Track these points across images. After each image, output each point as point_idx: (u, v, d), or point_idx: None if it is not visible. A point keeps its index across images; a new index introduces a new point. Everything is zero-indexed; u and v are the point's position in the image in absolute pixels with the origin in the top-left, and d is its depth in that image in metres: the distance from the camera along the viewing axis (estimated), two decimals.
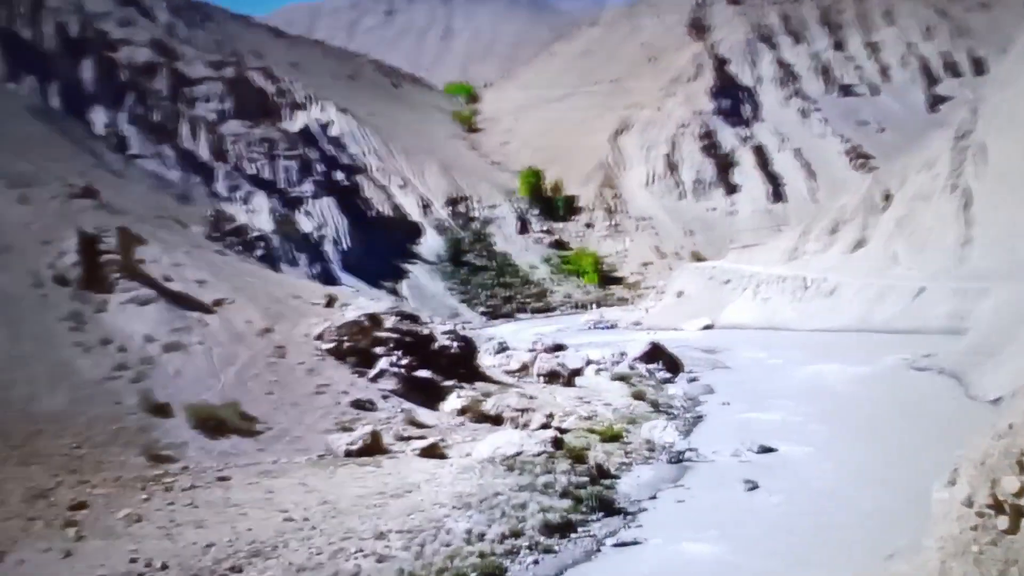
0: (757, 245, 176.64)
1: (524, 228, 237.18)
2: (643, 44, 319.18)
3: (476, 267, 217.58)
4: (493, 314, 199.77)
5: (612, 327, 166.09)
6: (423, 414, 64.83)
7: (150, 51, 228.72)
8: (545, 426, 63.79)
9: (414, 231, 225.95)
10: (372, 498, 46.03)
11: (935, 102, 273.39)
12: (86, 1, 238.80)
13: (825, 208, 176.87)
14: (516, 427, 64.06)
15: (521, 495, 47.81)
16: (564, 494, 49.03)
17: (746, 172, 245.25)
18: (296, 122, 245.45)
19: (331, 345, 67.62)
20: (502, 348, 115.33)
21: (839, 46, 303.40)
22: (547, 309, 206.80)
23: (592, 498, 49.47)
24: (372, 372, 66.67)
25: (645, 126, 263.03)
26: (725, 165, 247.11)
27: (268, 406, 58.14)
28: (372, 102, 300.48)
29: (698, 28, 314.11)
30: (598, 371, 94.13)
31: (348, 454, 53.58)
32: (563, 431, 63.72)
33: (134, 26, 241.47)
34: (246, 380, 60.38)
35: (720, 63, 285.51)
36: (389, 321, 73.25)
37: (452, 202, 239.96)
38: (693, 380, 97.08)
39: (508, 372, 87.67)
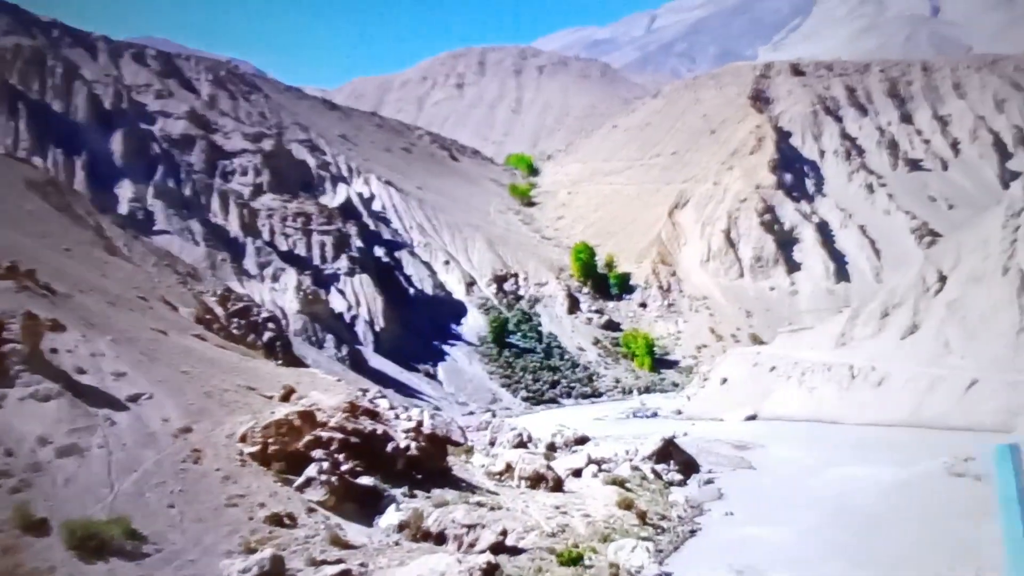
0: (807, 329, 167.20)
1: (574, 307, 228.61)
2: (704, 116, 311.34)
3: (521, 349, 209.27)
4: (536, 400, 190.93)
5: (653, 415, 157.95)
6: (353, 531, 56.30)
7: (187, 123, 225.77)
8: (496, 546, 55.38)
9: (456, 310, 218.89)
10: None
11: (1008, 177, 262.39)
12: (125, 72, 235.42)
13: (877, 290, 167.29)
14: (460, 547, 55.68)
15: None
16: None
17: (808, 250, 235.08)
18: (337, 196, 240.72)
19: (255, 448, 59.16)
20: (520, 441, 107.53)
21: (906, 119, 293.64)
22: (594, 394, 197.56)
23: None
24: (299, 480, 58.13)
25: (703, 201, 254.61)
26: (786, 242, 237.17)
27: (165, 522, 50.12)
28: (424, 175, 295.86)
29: (760, 100, 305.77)
30: (597, 473, 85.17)
31: None
32: (516, 551, 55.60)
33: (173, 98, 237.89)
34: (146, 490, 52.37)
35: (782, 136, 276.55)
36: (334, 418, 64.73)
37: (498, 279, 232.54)
38: (707, 483, 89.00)
39: (490, 474, 79.00)
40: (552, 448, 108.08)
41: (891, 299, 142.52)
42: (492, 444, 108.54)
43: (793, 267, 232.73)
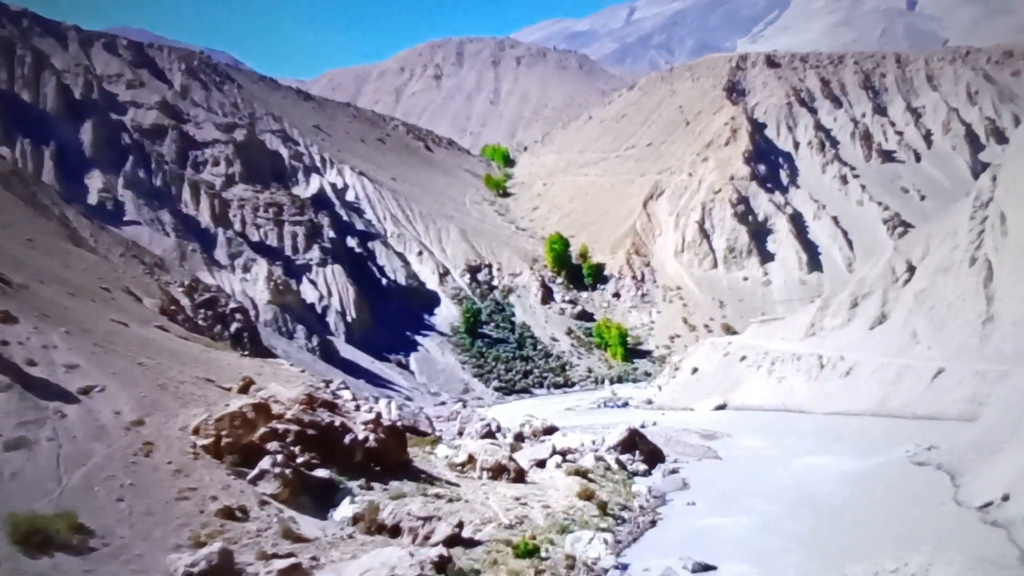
0: (778, 319, 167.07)
1: (547, 298, 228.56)
2: (679, 108, 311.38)
3: (493, 339, 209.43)
4: (508, 390, 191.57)
5: (624, 405, 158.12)
6: (307, 524, 55.64)
7: (158, 113, 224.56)
8: (452, 538, 54.75)
9: (429, 300, 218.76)
10: None
11: (980, 169, 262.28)
12: (96, 62, 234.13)
13: (849, 280, 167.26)
14: (415, 540, 54.96)
15: None
16: None
17: (781, 240, 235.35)
18: (310, 186, 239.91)
19: (208, 441, 58.45)
20: (488, 432, 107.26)
21: (880, 111, 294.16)
22: (566, 384, 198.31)
23: None
24: (252, 473, 57.54)
25: (677, 192, 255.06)
26: (759, 233, 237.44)
27: (114, 516, 49.24)
28: (398, 166, 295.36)
29: (735, 91, 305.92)
30: (561, 463, 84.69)
31: None
32: (472, 544, 55.03)
33: (145, 87, 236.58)
34: (95, 484, 51.47)
35: (756, 127, 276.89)
36: (291, 410, 64.19)
37: (472, 270, 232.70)
38: (672, 473, 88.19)
39: (453, 466, 78.52)
40: (520, 438, 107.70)
41: (860, 289, 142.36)
42: (461, 434, 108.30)
43: (766, 258, 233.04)
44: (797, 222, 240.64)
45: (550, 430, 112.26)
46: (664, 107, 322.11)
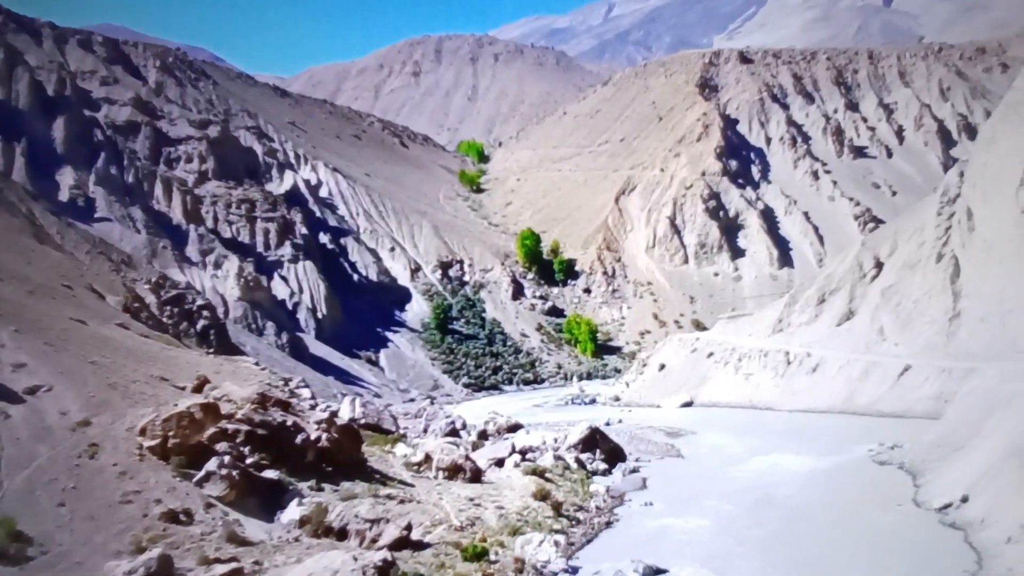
0: (746, 315, 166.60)
1: (518, 293, 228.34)
2: (653, 103, 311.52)
3: (464, 335, 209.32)
4: (478, 386, 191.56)
5: (592, 402, 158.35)
6: (252, 527, 55.35)
7: (132, 109, 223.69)
8: (400, 541, 54.63)
9: (400, 296, 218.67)
10: None
11: (952, 165, 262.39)
12: (70, 59, 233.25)
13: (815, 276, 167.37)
14: (362, 542, 54.82)
15: None
16: None
17: (752, 236, 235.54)
18: (284, 183, 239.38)
19: (154, 442, 58.08)
20: (452, 429, 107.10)
21: (852, 107, 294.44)
22: (536, 381, 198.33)
23: None
24: (199, 475, 57.02)
25: (649, 187, 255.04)
26: (730, 228, 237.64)
27: (54, 522, 48.97)
28: (373, 162, 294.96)
29: (708, 87, 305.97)
30: (519, 462, 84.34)
31: None
32: (421, 546, 54.90)
33: (119, 84, 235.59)
34: (36, 488, 51.21)
35: (729, 123, 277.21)
36: (242, 409, 63.73)
37: (443, 266, 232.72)
38: (632, 472, 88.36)
39: (409, 465, 78.15)
40: (484, 436, 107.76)
41: (828, 285, 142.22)
42: (426, 431, 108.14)
43: (737, 253, 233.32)
44: (768, 217, 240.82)
45: (514, 427, 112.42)
46: (637, 103, 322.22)
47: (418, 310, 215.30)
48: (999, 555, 54.11)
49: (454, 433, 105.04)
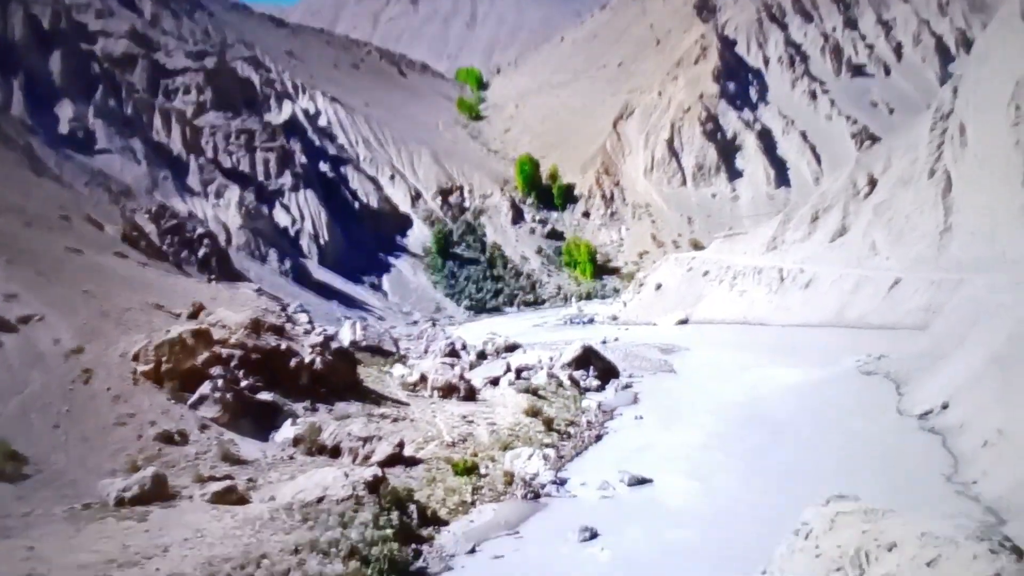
0: (742, 234, 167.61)
1: (518, 218, 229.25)
2: (651, 26, 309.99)
3: (465, 259, 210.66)
4: (479, 308, 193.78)
5: (590, 321, 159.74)
6: (247, 447, 56.95)
7: (128, 42, 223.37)
8: (393, 457, 56.24)
9: (402, 223, 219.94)
10: (97, 567, 38.37)
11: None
12: None
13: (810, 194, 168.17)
14: (355, 460, 56.41)
15: (288, 559, 39.90)
16: (351, 554, 41.43)
17: (749, 157, 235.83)
18: (283, 113, 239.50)
19: (148, 367, 59.42)
20: (452, 350, 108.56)
21: (851, 24, 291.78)
22: (537, 302, 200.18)
23: (382, 559, 41.43)
24: (193, 398, 58.39)
25: (647, 111, 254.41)
26: (728, 150, 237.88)
27: (49, 443, 50.50)
28: (372, 91, 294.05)
29: (706, 9, 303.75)
30: (513, 381, 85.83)
31: (119, 502, 46.01)
32: (413, 462, 56.53)
33: (114, 17, 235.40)
34: (30, 412, 52.71)
35: (727, 44, 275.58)
36: (236, 335, 65.04)
37: (444, 193, 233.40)
38: (625, 387, 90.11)
39: (405, 385, 79.65)
40: (482, 356, 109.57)
41: (822, 203, 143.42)
42: (426, 353, 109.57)
43: (735, 174, 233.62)
44: (765, 138, 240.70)
45: (512, 347, 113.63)
46: (635, 26, 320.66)
47: (419, 236, 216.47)
48: (975, 459, 55.45)
49: (454, 354, 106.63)
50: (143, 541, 41.39)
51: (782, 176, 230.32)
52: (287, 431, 59.50)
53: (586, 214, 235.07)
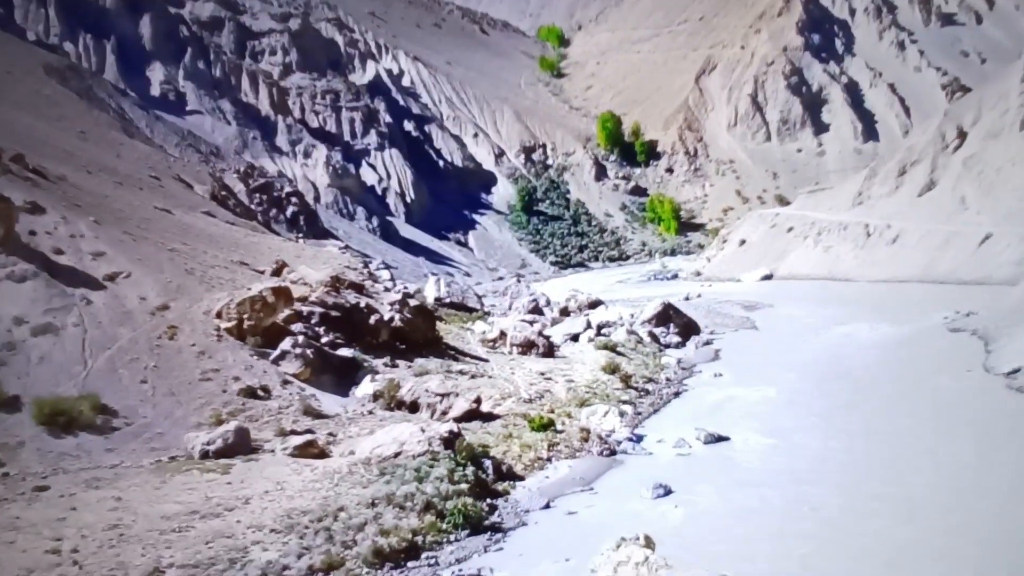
0: (826, 189, 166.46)
1: (601, 175, 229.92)
2: None
3: (549, 216, 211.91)
4: (564, 264, 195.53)
5: (673, 277, 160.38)
6: (328, 401, 57.81)
7: (215, 5, 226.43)
8: (470, 413, 56.66)
9: (486, 181, 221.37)
10: (181, 518, 39.41)
11: None
12: None
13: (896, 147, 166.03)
14: (433, 415, 56.82)
15: (365, 512, 40.49)
16: (426, 508, 41.77)
17: (835, 110, 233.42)
18: (366, 73, 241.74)
19: (231, 324, 60.31)
20: (536, 307, 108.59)
21: None
22: (621, 258, 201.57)
23: (457, 513, 41.78)
24: (274, 353, 59.17)
25: (730, 65, 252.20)
26: (813, 104, 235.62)
27: (137, 397, 51.65)
28: (453, 50, 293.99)
29: None
30: (593, 337, 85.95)
31: (204, 455, 47.23)
32: (490, 418, 57.01)
33: None
34: (119, 367, 53.77)
35: None
36: (316, 292, 65.81)
37: (527, 150, 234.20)
38: (706, 344, 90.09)
39: (485, 342, 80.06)
40: (565, 312, 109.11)
41: (909, 157, 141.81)
42: (510, 308, 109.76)
43: (821, 128, 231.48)
44: (852, 91, 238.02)
45: (594, 304, 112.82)
46: None
47: (503, 193, 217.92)
48: None
49: (537, 310, 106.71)
50: (225, 493, 42.53)
51: (870, 130, 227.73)
52: (367, 387, 60.20)
53: (669, 170, 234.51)
